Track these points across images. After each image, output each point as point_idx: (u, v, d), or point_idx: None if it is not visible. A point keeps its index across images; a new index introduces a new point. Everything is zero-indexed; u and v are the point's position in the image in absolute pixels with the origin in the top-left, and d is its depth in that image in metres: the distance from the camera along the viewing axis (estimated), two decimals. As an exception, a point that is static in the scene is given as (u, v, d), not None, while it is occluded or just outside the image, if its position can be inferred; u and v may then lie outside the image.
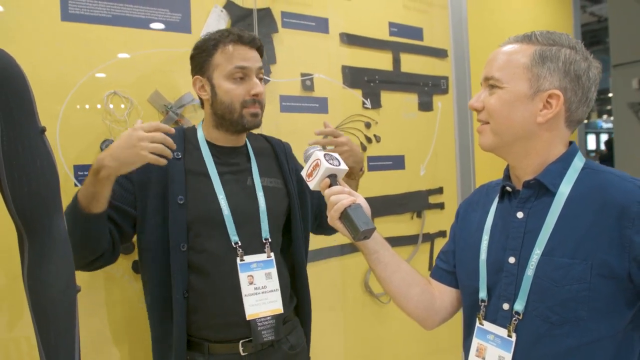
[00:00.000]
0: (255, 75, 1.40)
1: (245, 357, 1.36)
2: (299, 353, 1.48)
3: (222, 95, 1.38)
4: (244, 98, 1.38)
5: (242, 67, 1.38)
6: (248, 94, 1.38)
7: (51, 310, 0.84)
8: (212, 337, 1.35)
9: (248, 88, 1.38)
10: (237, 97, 1.38)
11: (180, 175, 1.36)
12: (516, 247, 1.04)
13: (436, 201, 2.46)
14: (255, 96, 1.39)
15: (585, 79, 1.01)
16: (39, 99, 1.39)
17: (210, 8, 1.76)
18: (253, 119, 1.40)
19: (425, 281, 1.25)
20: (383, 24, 2.29)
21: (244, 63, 1.38)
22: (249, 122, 1.40)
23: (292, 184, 1.53)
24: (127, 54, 1.59)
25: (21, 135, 0.84)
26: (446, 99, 2.53)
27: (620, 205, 0.94)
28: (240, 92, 1.38)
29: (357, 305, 2.18)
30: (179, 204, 1.33)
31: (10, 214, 0.86)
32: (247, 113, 1.39)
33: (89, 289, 1.50)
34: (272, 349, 1.40)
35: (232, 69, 1.37)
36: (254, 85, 1.39)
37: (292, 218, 1.52)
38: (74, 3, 1.50)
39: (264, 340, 1.35)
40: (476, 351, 1.09)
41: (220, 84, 1.38)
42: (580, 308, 0.95)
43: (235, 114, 1.39)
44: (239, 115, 1.39)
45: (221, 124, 1.42)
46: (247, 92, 1.38)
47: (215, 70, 1.39)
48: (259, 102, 1.40)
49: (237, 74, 1.38)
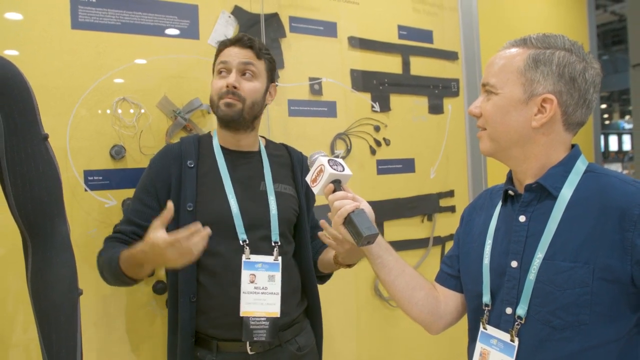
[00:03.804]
0: (238, 70, 1.44)
1: (253, 356, 1.38)
2: (307, 354, 1.49)
3: (211, 92, 1.47)
4: (220, 90, 1.44)
5: (224, 62, 1.45)
6: (224, 87, 1.43)
7: (53, 313, 0.86)
8: (220, 336, 1.39)
9: (226, 82, 1.44)
10: (216, 90, 1.45)
11: (191, 183, 1.40)
12: (518, 251, 1.04)
13: (447, 204, 2.44)
14: (228, 87, 1.42)
15: (581, 80, 1.00)
16: (49, 106, 1.45)
17: (218, 14, 1.78)
18: (226, 108, 1.43)
19: (430, 286, 1.25)
20: (392, 27, 2.28)
21: (224, 58, 1.45)
22: (222, 112, 1.43)
23: (301, 194, 1.56)
24: (136, 61, 1.61)
25: (24, 143, 0.87)
26: (457, 102, 2.51)
27: (622, 209, 0.93)
28: (219, 84, 1.45)
29: (368, 308, 2.18)
30: (188, 211, 1.38)
31: (14, 218, 0.89)
32: (222, 103, 1.43)
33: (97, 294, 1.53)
34: (280, 349, 1.43)
35: (217, 66, 1.47)
36: (229, 77, 1.44)
37: (299, 224, 1.55)
38: (84, 12, 1.53)
39: (254, 340, 1.37)
40: (479, 355, 1.09)
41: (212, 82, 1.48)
42: (582, 312, 0.94)
43: (214, 107, 1.46)
44: (216, 107, 1.45)
45: (219, 122, 1.48)
46: (224, 85, 1.44)
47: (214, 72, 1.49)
48: (234, 93, 1.43)
49: (221, 70, 1.46)
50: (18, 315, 1.42)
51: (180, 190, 1.40)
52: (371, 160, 2.18)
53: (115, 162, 1.56)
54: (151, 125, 1.62)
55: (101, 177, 1.54)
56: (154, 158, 1.47)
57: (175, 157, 1.43)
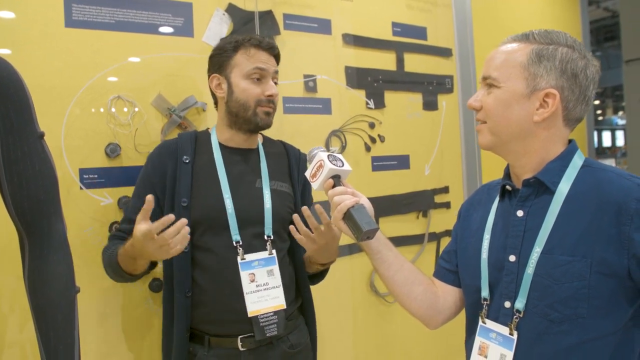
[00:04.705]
0: (271, 78, 1.47)
1: (244, 352, 1.39)
2: (299, 352, 1.49)
3: (239, 93, 1.45)
4: (259, 97, 1.45)
5: (260, 69, 1.45)
6: (263, 94, 1.45)
7: (50, 311, 0.86)
8: (212, 331, 1.40)
9: (264, 89, 1.45)
10: (252, 96, 1.44)
11: (186, 179, 1.41)
12: (516, 246, 1.04)
13: (442, 200, 2.45)
14: (269, 97, 1.45)
15: (582, 77, 1.01)
16: (44, 104, 1.44)
17: (212, 12, 1.77)
18: (266, 117, 1.46)
19: (429, 281, 1.25)
20: (386, 24, 2.28)
21: (262, 65, 1.45)
22: (262, 120, 1.46)
23: (297, 192, 1.56)
24: (130, 59, 1.60)
25: (20, 141, 0.86)
26: (451, 98, 2.52)
27: (618, 203, 0.94)
28: (256, 91, 1.44)
29: (364, 304, 2.18)
30: (183, 207, 1.39)
31: (10, 216, 0.88)
32: (261, 111, 1.45)
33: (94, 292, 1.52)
34: (271, 346, 1.43)
35: (251, 69, 1.44)
36: (269, 87, 1.46)
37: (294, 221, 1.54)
38: (78, 10, 1.52)
39: (267, 336, 1.38)
40: (478, 349, 1.09)
41: (238, 82, 1.45)
42: (580, 305, 0.94)
43: (249, 112, 1.45)
44: (253, 113, 1.45)
45: (235, 122, 1.48)
46: (262, 92, 1.45)
47: (235, 69, 1.46)
48: (272, 102, 1.47)
49: (255, 75, 1.45)
50: (15, 314, 1.42)
51: (175, 186, 1.41)
52: (366, 157, 2.19)
53: (111, 160, 1.55)
54: (146, 123, 1.61)
55: (96, 175, 1.53)
56: (151, 154, 1.48)
57: (172, 152, 1.44)
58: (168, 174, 1.42)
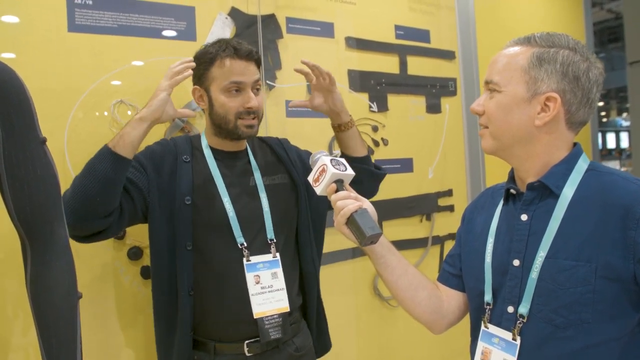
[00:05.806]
0: (251, 88, 1.43)
1: (251, 357, 1.38)
2: (304, 355, 1.49)
3: (218, 108, 1.42)
4: (238, 110, 1.42)
5: (237, 82, 1.41)
6: (242, 107, 1.42)
7: (52, 316, 0.86)
8: (217, 337, 1.39)
9: (243, 101, 1.42)
10: (231, 109, 1.42)
11: (188, 177, 1.41)
12: (520, 250, 1.03)
13: (446, 203, 2.44)
14: (249, 108, 1.42)
15: (584, 79, 1.00)
16: (48, 108, 1.44)
17: (215, 15, 1.77)
18: (248, 129, 1.44)
19: (433, 285, 1.24)
20: (389, 27, 2.28)
21: (239, 78, 1.41)
22: (244, 133, 1.44)
23: (297, 172, 1.55)
24: (133, 63, 1.61)
25: (22, 146, 0.86)
26: (454, 101, 2.51)
27: (624, 207, 0.93)
28: (234, 104, 1.42)
29: (367, 308, 2.17)
30: (186, 204, 1.38)
31: (12, 221, 0.88)
32: (242, 124, 1.43)
33: (97, 295, 1.52)
34: (277, 350, 1.42)
35: (227, 84, 1.41)
36: (248, 98, 1.42)
37: (299, 209, 1.54)
38: (81, 14, 1.52)
39: (271, 339, 1.37)
40: (481, 354, 1.08)
41: (217, 96, 1.42)
42: (584, 310, 0.94)
43: (230, 124, 1.43)
44: (234, 126, 1.43)
45: (219, 132, 1.46)
46: (241, 105, 1.42)
47: (213, 83, 1.43)
48: (254, 112, 1.44)
49: (232, 88, 1.41)
50: (17, 319, 1.42)
51: (175, 181, 1.39)
52: (369, 160, 2.18)
53: (113, 165, 1.55)
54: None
55: (99, 180, 1.53)
56: (150, 145, 1.47)
57: (170, 149, 1.44)
58: (165, 169, 1.40)
